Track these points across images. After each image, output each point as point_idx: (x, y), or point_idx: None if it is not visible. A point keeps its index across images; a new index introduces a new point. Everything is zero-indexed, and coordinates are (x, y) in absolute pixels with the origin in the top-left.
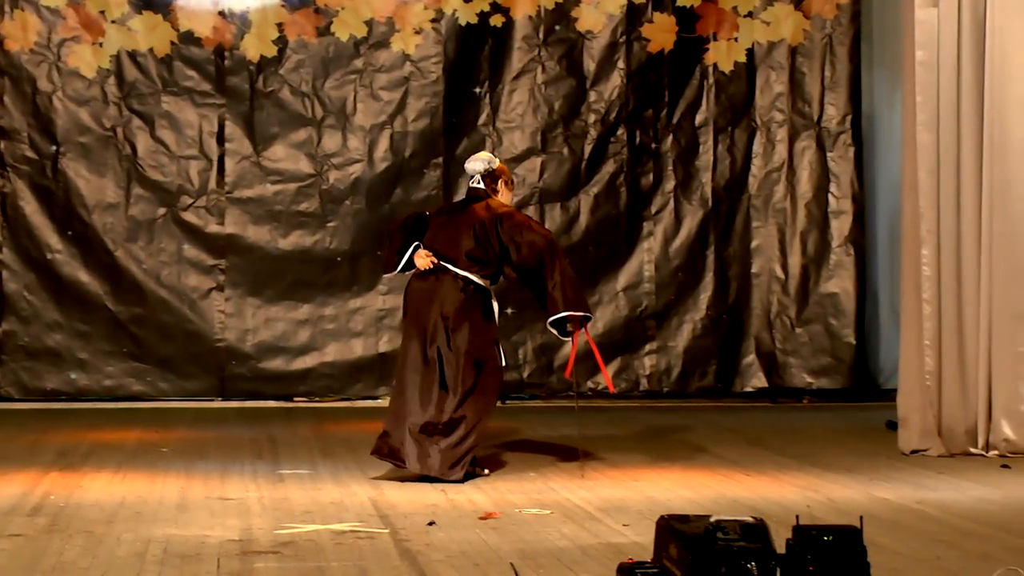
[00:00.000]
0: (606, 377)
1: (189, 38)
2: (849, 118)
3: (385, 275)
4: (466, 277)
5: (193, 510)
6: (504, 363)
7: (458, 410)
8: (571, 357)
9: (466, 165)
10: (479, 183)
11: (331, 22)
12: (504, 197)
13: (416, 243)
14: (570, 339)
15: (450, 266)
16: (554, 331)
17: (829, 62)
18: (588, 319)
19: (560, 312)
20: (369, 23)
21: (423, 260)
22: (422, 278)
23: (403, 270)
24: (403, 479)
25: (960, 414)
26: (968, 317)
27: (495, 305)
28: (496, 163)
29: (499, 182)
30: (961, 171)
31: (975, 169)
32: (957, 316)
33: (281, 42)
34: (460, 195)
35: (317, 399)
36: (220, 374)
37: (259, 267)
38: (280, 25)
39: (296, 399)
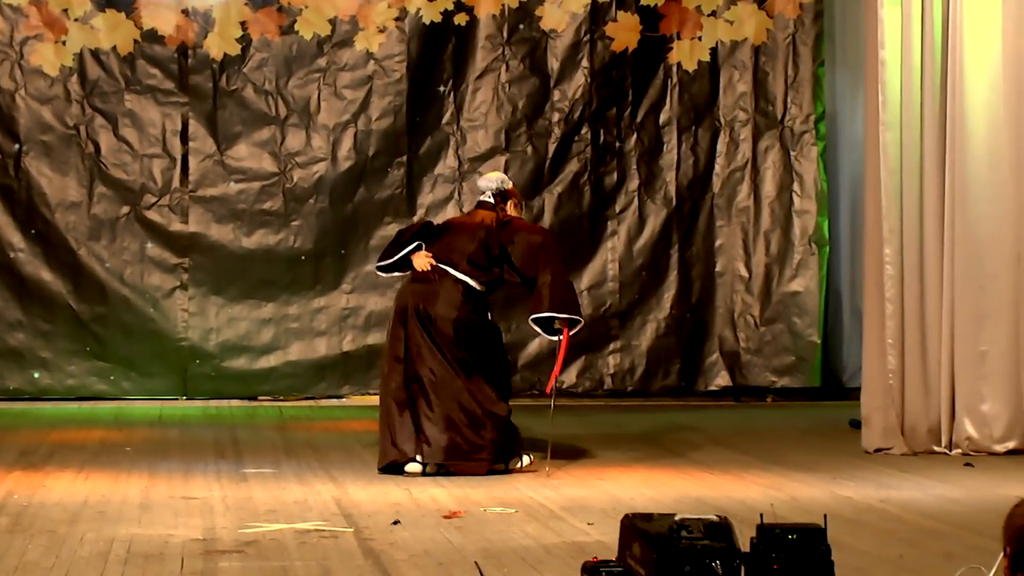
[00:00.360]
0: (552, 377)
1: (152, 36)
2: (812, 117)
3: (377, 264)
4: (465, 282)
5: (156, 510)
6: (508, 366)
7: (488, 405)
8: (559, 359)
9: (478, 182)
10: (490, 199)
11: (294, 21)
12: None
13: (418, 243)
14: (553, 338)
15: (450, 269)
16: (537, 328)
17: (792, 61)
18: (576, 322)
19: (543, 312)
20: (332, 22)
21: (421, 261)
22: (421, 280)
23: (397, 267)
24: (368, 478)
25: (923, 413)
26: (930, 316)
27: (489, 313)
28: (508, 184)
29: (509, 203)
30: (924, 171)
31: (937, 169)
32: (919, 315)
33: (244, 41)
34: (423, 193)
35: (281, 398)
36: (183, 373)
37: (222, 266)
38: (243, 23)
39: (259, 398)
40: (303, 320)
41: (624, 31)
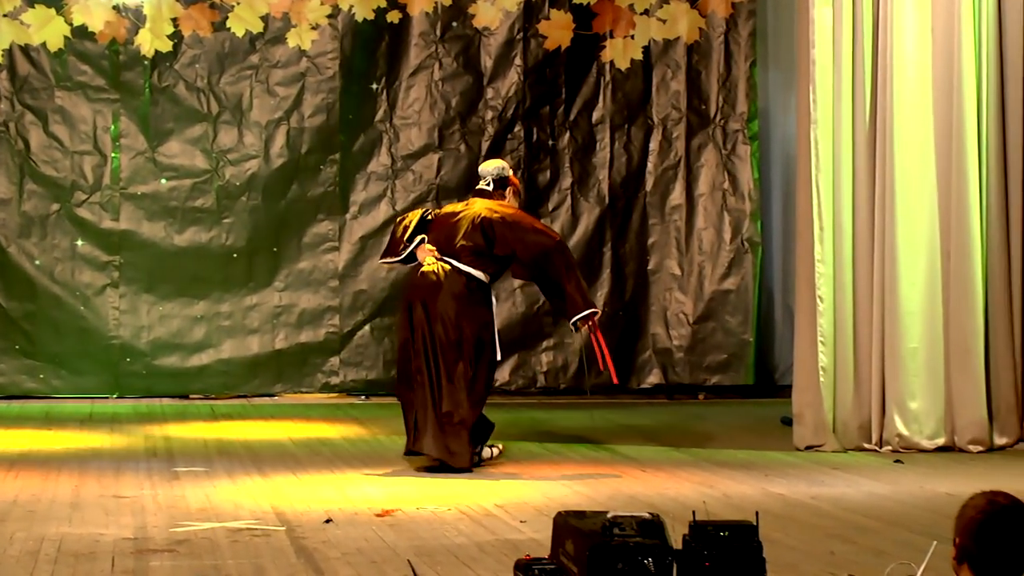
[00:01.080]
0: (611, 368)
1: (83, 32)
2: (745, 116)
3: (382, 260)
4: (468, 272)
5: (87, 508)
6: (500, 357)
7: (460, 402)
8: (604, 350)
9: (480, 168)
10: (489, 185)
11: (226, 17)
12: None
13: (421, 236)
14: (580, 333)
15: (453, 261)
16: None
17: (725, 60)
18: (595, 313)
19: (581, 312)
20: (265, 18)
21: (425, 254)
22: (424, 272)
23: (404, 262)
24: (301, 477)
25: (854, 410)
26: (861, 314)
27: (493, 300)
28: (508, 172)
29: (507, 190)
30: (855, 169)
31: (868, 167)
32: (851, 313)
33: (176, 37)
34: (356, 191)
35: (213, 396)
36: (114, 371)
37: (154, 263)
38: (175, 20)
39: (191, 396)
40: (235, 318)
41: (557, 29)
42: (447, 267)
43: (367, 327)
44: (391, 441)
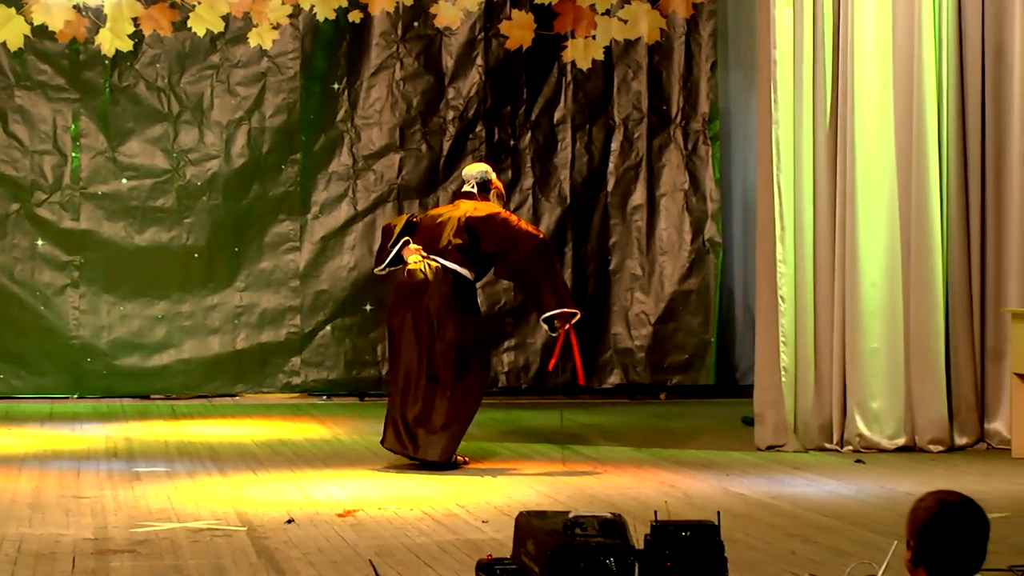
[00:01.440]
0: (579, 370)
1: (42, 32)
2: (706, 116)
3: (376, 269)
4: (454, 270)
5: (47, 509)
6: (490, 356)
7: (447, 403)
8: (575, 350)
9: (463, 173)
10: (473, 188)
11: (187, 17)
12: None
13: (405, 238)
14: (556, 334)
15: (439, 259)
16: (545, 326)
17: (686, 61)
18: (574, 315)
19: (557, 309)
20: (226, 18)
21: (412, 255)
22: (411, 271)
23: (391, 264)
24: (262, 477)
25: (815, 410)
26: (822, 314)
27: (479, 299)
28: (492, 176)
29: (490, 194)
30: (816, 169)
31: (829, 167)
32: (812, 313)
33: (137, 36)
34: (317, 191)
35: (174, 396)
36: (75, 371)
37: (114, 263)
38: (135, 19)
39: (152, 396)
40: (196, 318)
41: (518, 29)
42: (434, 264)
43: (328, 327)
44: (353, 441)
